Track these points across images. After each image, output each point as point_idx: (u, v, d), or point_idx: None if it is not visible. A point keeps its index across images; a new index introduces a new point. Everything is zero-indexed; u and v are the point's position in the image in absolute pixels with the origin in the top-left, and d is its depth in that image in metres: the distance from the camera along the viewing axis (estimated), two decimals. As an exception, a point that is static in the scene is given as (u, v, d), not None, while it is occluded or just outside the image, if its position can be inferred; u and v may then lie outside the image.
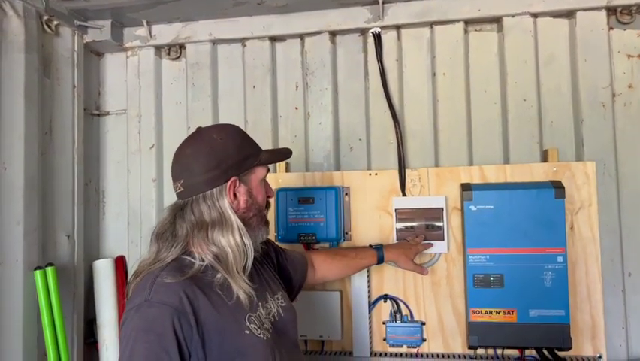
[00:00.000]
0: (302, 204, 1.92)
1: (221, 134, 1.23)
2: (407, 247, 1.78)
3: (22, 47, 1.80)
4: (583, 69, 1.92)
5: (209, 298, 1.11)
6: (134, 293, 1.12)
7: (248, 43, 2.19)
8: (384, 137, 2.06)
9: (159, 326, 1.04)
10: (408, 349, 1.87)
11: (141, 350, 1.03)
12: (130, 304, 1.10)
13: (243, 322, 1.15)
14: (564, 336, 1.70)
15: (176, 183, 1.21)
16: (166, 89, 2.27)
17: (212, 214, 1.17)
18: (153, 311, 1.06)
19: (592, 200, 1.78)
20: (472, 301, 1.76)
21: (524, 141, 1.95)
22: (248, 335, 1.14)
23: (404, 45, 2.07)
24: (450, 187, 1.87)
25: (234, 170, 1.21)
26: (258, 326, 1.17)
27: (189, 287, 1.10)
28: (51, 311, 1.78)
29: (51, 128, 1.96)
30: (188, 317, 1.06)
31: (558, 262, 1.71)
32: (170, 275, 1.11)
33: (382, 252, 1.71)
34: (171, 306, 1.06)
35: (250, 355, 1.12)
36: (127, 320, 1.08)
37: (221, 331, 1.10)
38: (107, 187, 2.32)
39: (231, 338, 1.11)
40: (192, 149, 1.21)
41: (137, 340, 1.04)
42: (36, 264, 1.80)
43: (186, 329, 1.06)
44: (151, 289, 1.08)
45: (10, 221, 1.74)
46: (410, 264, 1.74)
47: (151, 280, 1.11)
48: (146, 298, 1.07)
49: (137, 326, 1.05)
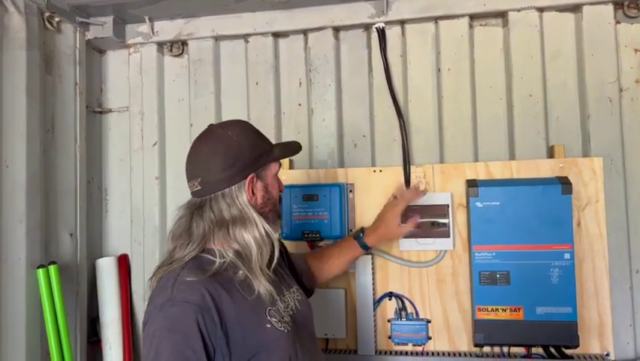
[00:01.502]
0: (306, 202, 1.91)
1: (236, 131, 1.25)
2: (387, 216, 1.64)
3: (23, 43, 1.78)
4: (589, 64, 1.90)
5: (231, 294, 1.13)
6: (156, 293, 1.14)
7: (251, 39, 2.17)
8: (389, 133, 2.04)
9: (183, 325, 1.05)
10: (413, 347, 1.86)
11: (167, 350, 1.04)
12: (152, 303, 1.12)
13: (264, 316, 1.16)
14: (571, 334, 1.68)
15: (192, 181, 1.22)
16: (168, 86, 2.25)
17: (232, 211, 1.19)
18: (176, 310, 1.07)
19: (599, 196, 1.76)
20: (478, 299, 1.74)
21: (530, 136, 1.93)
22: (269, 328, 1.16)
23: (408, 40, 2.05)
24: (455, 184, 1.86)
25: (251, 167, 1.23)
26: (279, 320, 1.19)
27: (211, 284, 1.11)
28: (54, 310, 1.77)
29: (53, 126, 1.95)
30: (211, 314, 1.08)
31: (565, 259, 1.70)
32: (192, 273, 1.13)
33: (363, 240, 1.64)
34: (194, 304, 1.07)
35: (273, 348, 1.14)
36: (150, 320, 1.09)
37: (244, 326, 1.12)
38: (109, 185, 2.30)
39: (254, 332, 1.13)
40: (208, 147, 1.23)
41: (162, 339, 1.05)
42: (39, 262, 1.79)
43: (210, 325, 1.07)
44: (173, 288, 1.10)
45: (12, 219, 1.73)
46: (396, 231, 1.65)
47: (172, 279, 1.12)
48: (168, 298, 1.09)
49: (162, 326, 1.07)
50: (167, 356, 1.03)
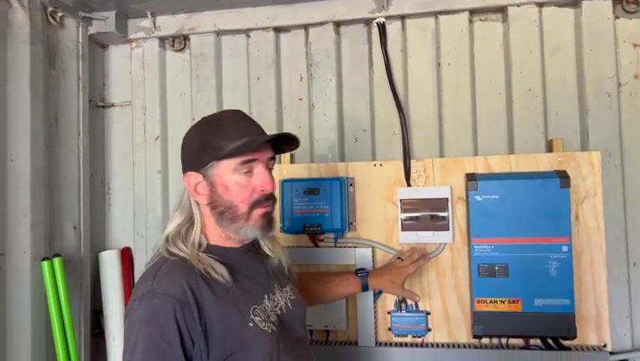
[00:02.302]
0: (307, 195, 1.93)
1: (192, 128, 1.23)
2: (395, 272, 1.68)
3: (27, 38, 1.80)
4: (588, 59, 1.91)
5: (213, 289, 1.11)
6: (138, 284, 1.14)
7: (252, 34, 2.18)
8: (389, 128, 2.06)
9: (162, 317, 1.04)
10: (413, 338, 1.88)
11: (143, 341, 1.03)
12: (134, 294, 1.11)
13: (247, 314, 1.13)
14: (569, 325, 1.71)
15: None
16: (170, 80, 2.26)
17: (188, 211, 1.22)
18: (156, 302, 1.06)
19: (597, 190, 1.78)
20: (477, 291, 1.77)
21: (529, 131, 1.95)
22: (252, 327, 1.12)
23: (409, 35, 2.06)
24: (455, 178, 1.87)
25: (194, 164, 1.18)
26: (263, 319, 1.15)
27: (193, 279, 1.10)
28: (58, 301, 1.80)
29: (57, 120, 1.97)
30: (191, 308, 1.06)
31: (563, 252, 1.72)
32: (174, 266, 1.12)
33: (367, 279, 1.66)
34: (174, 297, 1.06)
35: (253, 348, 1.11)
36: (130, 310, 1.09)
37: (224, 323, 1.09)
38: (112, 179, 2.32)
39: (235, 330, 1.10)
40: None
41: (140, 330, 1.04)
42: (43, 255, 1.81)
43: (189, 320, 1.05)
44: (154, 280, 1.09)
45: (17, 213, 1.74)
46: (398, 290, 1.68)
47: (154, 272, 1.12)
48: (149, 289, 1.08)
49: (140, 317, 1.06)
50: (143, 348, 1.02)
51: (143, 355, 1.02)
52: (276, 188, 1.34)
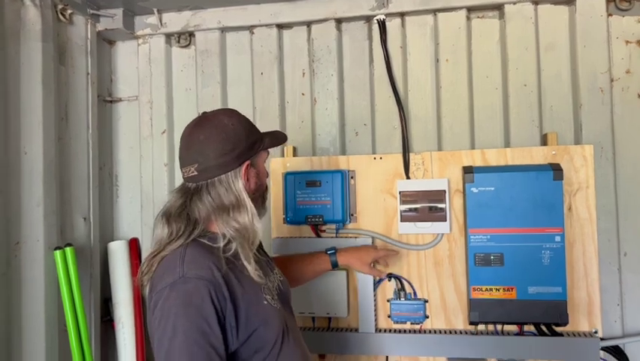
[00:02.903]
0: (309, 187, 1.99)
1: (232, 120, 1.28)
2: (364, 251, 1.81)
3: (39, 35, 1.86)
4: (582, 55, 1.97)
5: (234, 272, 1.20)
6: (164, 272, 1.17)
7: (256, 30, 2.24)
8: (389, 122, 2.12)
9: (198, 299, 1.10)
10: (411, 325, 1.95)
11: (184, 324, 1.08)
12: (162, 283, 1.15)
13: (260, 293, 1.24)
14: (561, 312, 1.77)
15: (189, 167, 1.25)
16: (176, 76, 2.32)
17: (229, 197, 1.24)
18: (189, 286, 1.12)
19: (589, 182, 1.84)
20: (473, 279, 1.83)
21: (525, 125, 2.01)
22: (266, 305, 1.23)
23: (408, 32, 2.12)
24: (452, 170, 1.93)
25: (247, 154, 1.28)
26: (272, 297, 1.27)
27: (217, 261, 1.18)
28: (71, 289, 1.86)
29: (67, 115, 2.03)
30: (221, 289, 1.14)
31: (556, 242, 1.78)
32: (198, 252, 1.18)
33: (335, 257, 1.76)
34: (206, 279, 1.13)
35: (270, 323, 1.22)
36: (162, 298, 1.13)
37: (247, 301, 1.18)
38: (120, 172, 2.38)
39: (255, 307, 1.20)
40: (205, 134, 1.25)
41: (178, 315, 1.09)
42: (56, 244, 1.88)
43: (221, 299, 1.13)
44: (183, 266, 1.15)
45: (31, 203, 1.81)
46: (365, 268, 1.78)
47: (180, 258, 1.17)
48: (180, 275, 1.13)
49: (176, 302, 1.10)
50: (185, 330, 1.07)
51: (185, 336, 1.07)
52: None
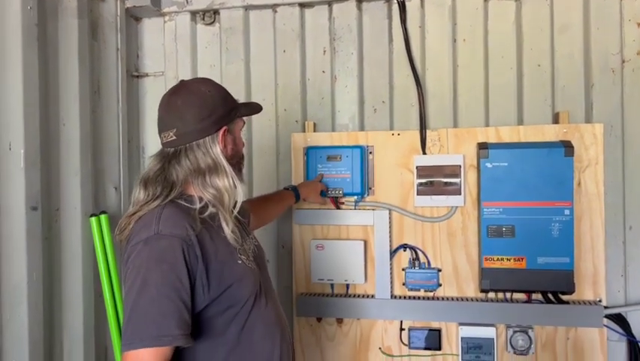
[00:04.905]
0: (330, 162, 2.09)
1: (209, 87, 1.33)
2: (314, 184, 2.05)
3: (75, 12, 1.94)
4: (595, 36, 2.04)
5: (209, 232, 1.25)
6: (140, 228, 1.21)
7: (279, 9, 2.30)
8: (407, 99, 2.19)
9: (171, 256, 1.15)
10: (425, 293, 2.06)
11: (155, 278, 1.13)
12: (136, 238, 1.19)
13: (235, 253, 1.30)
14: (568, 281, 1.88)
15: (167, 132, 1.30)
16: (201, 52, 2.39)
17: (207, 160, 1.27)
18: (163, 243, 1.16)
19: (598, 159, 1.93)
20: (486, 250, 1.93)
21: (538, 103, 2.08)
22: (240, 264, 1.30)
23: (427, 12, 2.18)
24: (467, 146, 2.02)
25: (224, 120, 1.31)
26: (247, 258, 1.34)
27: (192, 221, 1.22)
28: (105, 254, 1.97)
29: (99, 88, 2.12)
30: (194, 248, 1.18)
31: (565, 215, 1.88)
32: (174, 212, 1.23)
33: (297, 191, 2.00)
34: (179, 237, 1.17)
35: (244, 281, 1.28)
36: (134, 252, 1.17)
37: (220, 261, 1.24)
38: (146, 144, 2.47)
39: (228, 267, 1.26)
40: (183, 100, 1.29)
41: (150, 269, 1.14)
42: (91, 211, 1.98)
43: (193, 258, 1.18)
44: (158, 224, 1.19)
45: (69, 172, 1.91)
46: (318, 198, 2.05)
47: (156, 216, 1.21)
48: (155, 232, 1.17)
49: (149, 257, 1.15)
50: (156, 284, 1.12)
51: (157, 290, 1.12)
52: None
